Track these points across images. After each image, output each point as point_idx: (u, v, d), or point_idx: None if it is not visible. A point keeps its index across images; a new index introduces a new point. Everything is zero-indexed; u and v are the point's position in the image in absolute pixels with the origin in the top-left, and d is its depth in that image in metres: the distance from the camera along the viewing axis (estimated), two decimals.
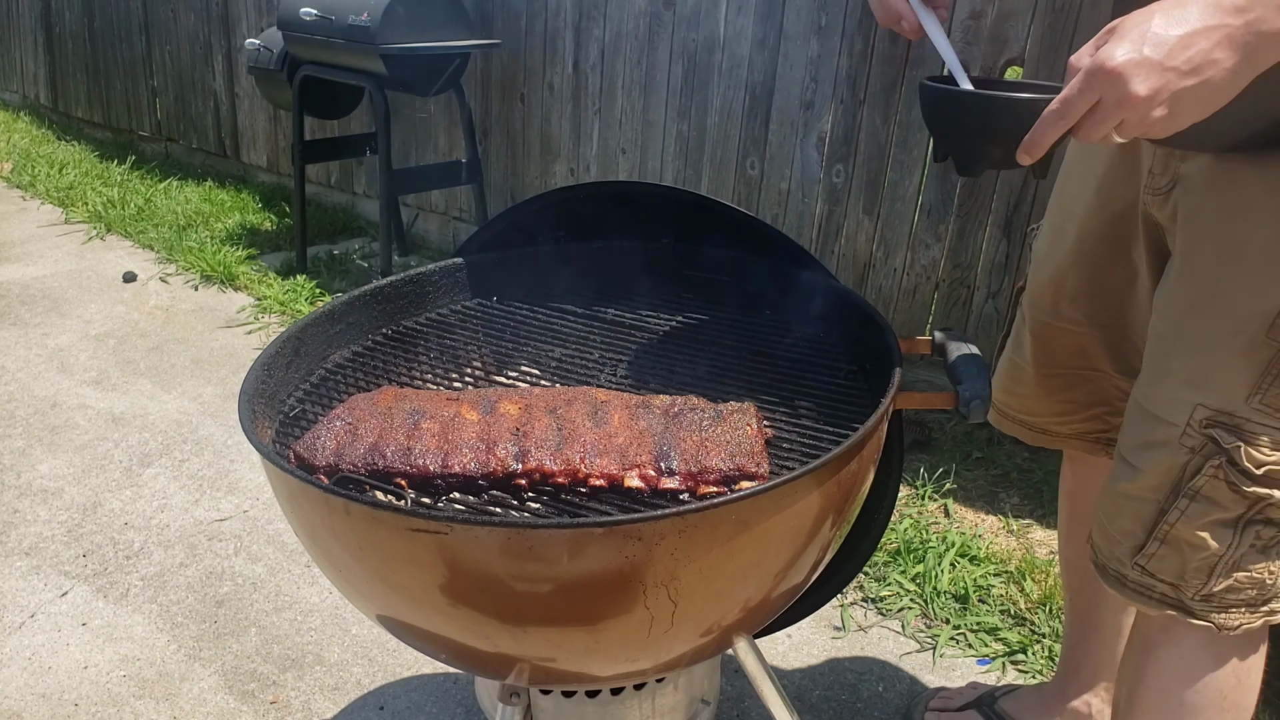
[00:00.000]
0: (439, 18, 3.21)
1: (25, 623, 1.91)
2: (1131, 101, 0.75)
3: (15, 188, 5.02)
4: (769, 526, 0.85)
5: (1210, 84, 0.75)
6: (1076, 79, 0.78)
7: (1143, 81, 0.75)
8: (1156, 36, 0.74)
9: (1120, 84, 0.75)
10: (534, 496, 0.95)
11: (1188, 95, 0.76)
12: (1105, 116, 0.77)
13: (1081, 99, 0.78)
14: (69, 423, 2.67)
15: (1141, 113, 0.76)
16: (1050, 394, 1.29)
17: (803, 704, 1.73)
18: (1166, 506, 0.98)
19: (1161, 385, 0.98)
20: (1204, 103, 0.76)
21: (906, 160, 2.57)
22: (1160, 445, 0.98)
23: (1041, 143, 0.82)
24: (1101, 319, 1.20)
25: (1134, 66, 0.75)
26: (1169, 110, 0.76)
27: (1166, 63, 0.74)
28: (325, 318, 1.17)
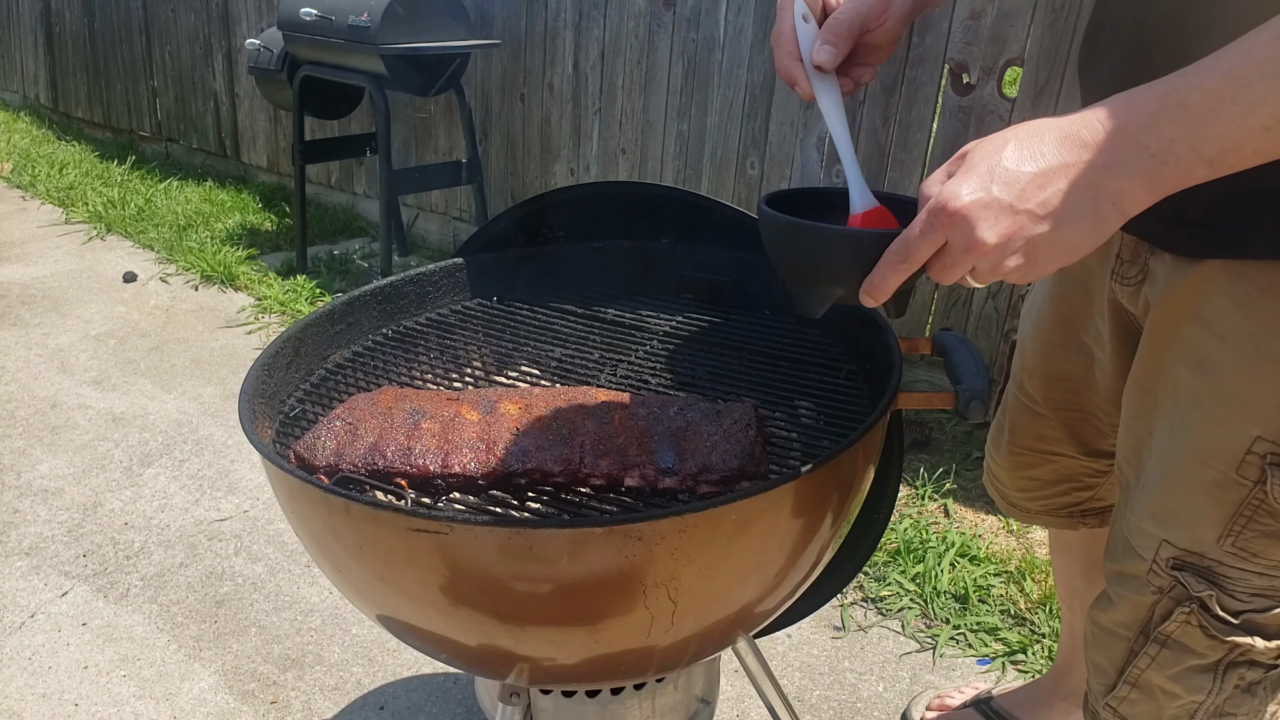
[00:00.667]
0: (439, 18, 3.21)
1: (25, 623, 1.91)
2: (980, 249, 0.65)
3: (15, 188, 5.02)
4: (769, 526, 0.85)
5: (1069, 233, 0.64)
6: (919, 218, 0.67)
7: (991, 227, 0.64)
8: (1007, 173, 0.64)
9: (966, 228, 0.64)
10: (534, 496, 0.95)
11: (1044, 243, 0.65)
12: (953, 262, 0.67)
13: (925, 241, 0.67)
14: (69, 423, 2.67)
15: (993, 260, 0.65)
16: (1016, 470, 1.22)
17: (803, 704, 1.73)
18: (1137, 649, 0.88)
19: (1134, 510, 0.87)
20: (1066, 251, 0.66)
21: (906, 160, 2.57)
22: (1130, 579, 0.88)
23: (883, 287, 0.71)
24: (1056, 402, 1.12)
25: (981, 208, 0.64)
26: (1025, 259, 0.66)
27: (1018, 205, 0.63)
28: (325, 318, 1.17)
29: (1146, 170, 0.62)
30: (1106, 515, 1.25)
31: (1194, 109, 0.60)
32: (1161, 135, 0.61)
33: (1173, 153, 0.61)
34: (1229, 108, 0.59)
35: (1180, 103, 0.60)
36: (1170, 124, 0.61)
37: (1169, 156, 0.61)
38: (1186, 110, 0.60)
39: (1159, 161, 0.61)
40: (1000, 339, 2.51)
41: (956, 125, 2.46)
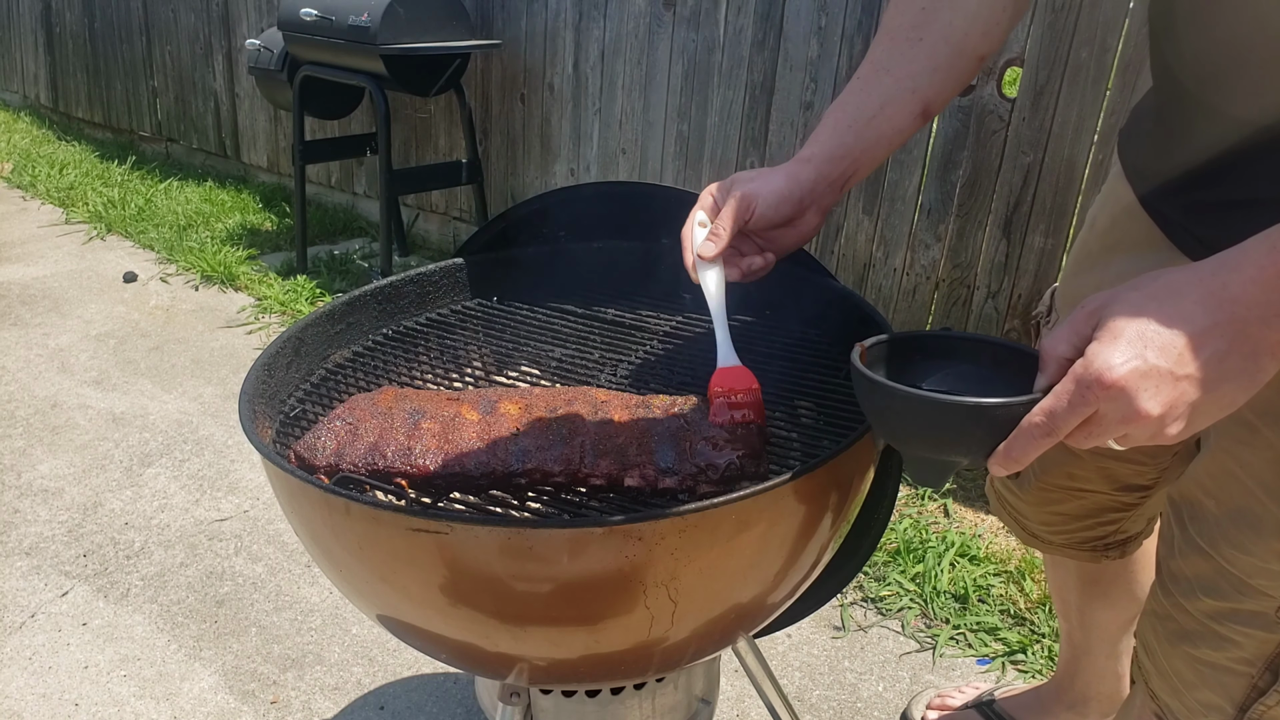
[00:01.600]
0: (439, 18, 3.21)
1: (25, 623, 1.91)
2: (1141, 419, 0.63)
3: (16, 188, 5.02)
4: (769, 526, 0.85)
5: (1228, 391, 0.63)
6: (1064, 389, 0.64)
7: (1153, 397, 0.62)
8: (1160, 337, 0.61)
9: (1125, 400, 0.62)
10: (534, 496, 0.95)
11: (1204, 404, 0.63)
12: (1104, 431, 0.65)
13: (1074, 414, 0.64)
14: (69, 423, 2.67)
15: (1153, 430, 0.64)
16: (1042, 505, 1.22)
17: (803, 704, 1.73)
18: (1264, 686, 0.85)
19: (1250, 551, 0.83)
20: (1225, 409, 0.64)
21: (906, 160, 2.57)
22: (1250, 616, 0.85)
23: (1022, 459, 0.68)
24: None
25: (1139, 378, 0.61)
26: (1186, 423, 0.64)
27: (1178, 372, 0.61)
28: (325, 318, 1.17)
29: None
30: (1127, 546, 1.24)
31: None
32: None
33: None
34: None
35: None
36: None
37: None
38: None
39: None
40: None
41: (956, 125, 2.46)
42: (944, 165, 2.51)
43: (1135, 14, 2.15)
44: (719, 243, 0.96)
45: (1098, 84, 2.22)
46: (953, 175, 2.50)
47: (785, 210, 0.95)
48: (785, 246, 1.00)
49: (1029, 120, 2.34)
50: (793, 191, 0.95)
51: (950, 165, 2.50)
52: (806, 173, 0.95)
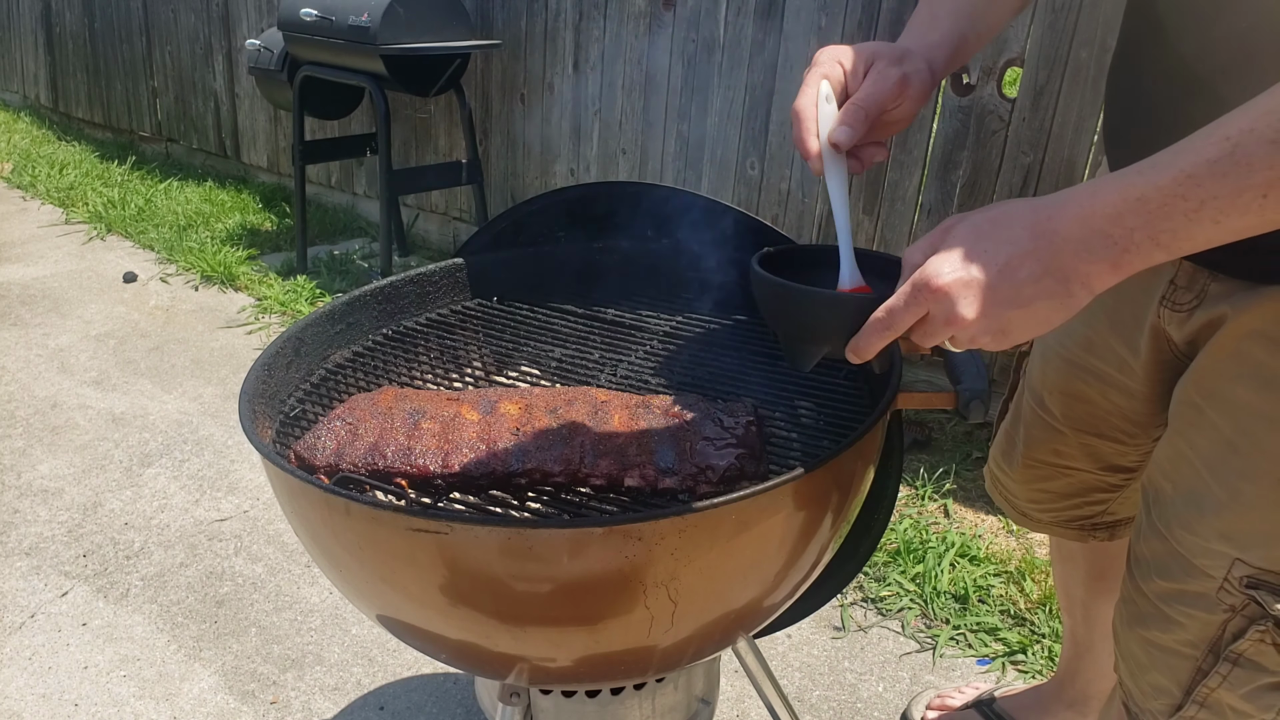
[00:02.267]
0: (439, 18, 3.21)
1: (25, 623, 1.91)
2: (959, 322, 0.71)
3: (16, 188, 5.02)
4: (769, 526, 0.85)
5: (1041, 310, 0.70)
6: (903, 289, 0.73)
7: (970, 304, 0.70)
8: (985, 254, 0.70)
9: (947, 303, 0.70)
10: (534, 496, 0.95)
11: (1018, 318, 0.71)
12: (933, 331, 0.73)
13: (908, 312, 0.73)
14: (69, 423, 2.67)
15: (971, 333, 0.72)
16: (1029, 482, 1.23)
17: (803, 704, 1.73)
18: (1206, 668, 0.87)
19: (1195, 531, 0.86)
20: (1038, 325, 0.72)
21: (906, 160, 2.58)
22: (1195, 597, 0.86)
23: (867, 349, 0.77)
24: (1074, 422, 1.12)
25: (961, 286, 0.70)
26: (1001, 330, 0.72)
27: (995, 285, 0.69)
28: (325, 318, 1.17)
29: (1111, 256, 0.68)
30: (1116, 529, 1.24)
31: (1151, 203, 0.66)
32: (1123, 225, 0.67)
33: (1133, 240, 0.67)
34: (1181, 204, 0.65)
35: (1139, 197, 0.66)
36: (1131, 216, 0.67)
37: (1130, 244, 0.67)
38: (1144, 204, 0.66)
39: (1121, 249, 0.68)
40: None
41: (956, 125, 2.46)
42: (944, 165, 2.51)
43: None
44: (859, 129, 0.84)
45: (1098, 84, 2.22)
46: (953, 175, 2.50)
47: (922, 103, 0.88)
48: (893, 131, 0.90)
49: (1029, 120, 2.34)
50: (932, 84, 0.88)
51: (950, 165, 2.50)
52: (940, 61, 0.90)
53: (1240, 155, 0.62)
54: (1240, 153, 0.62)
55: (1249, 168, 0.62)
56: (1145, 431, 1.07)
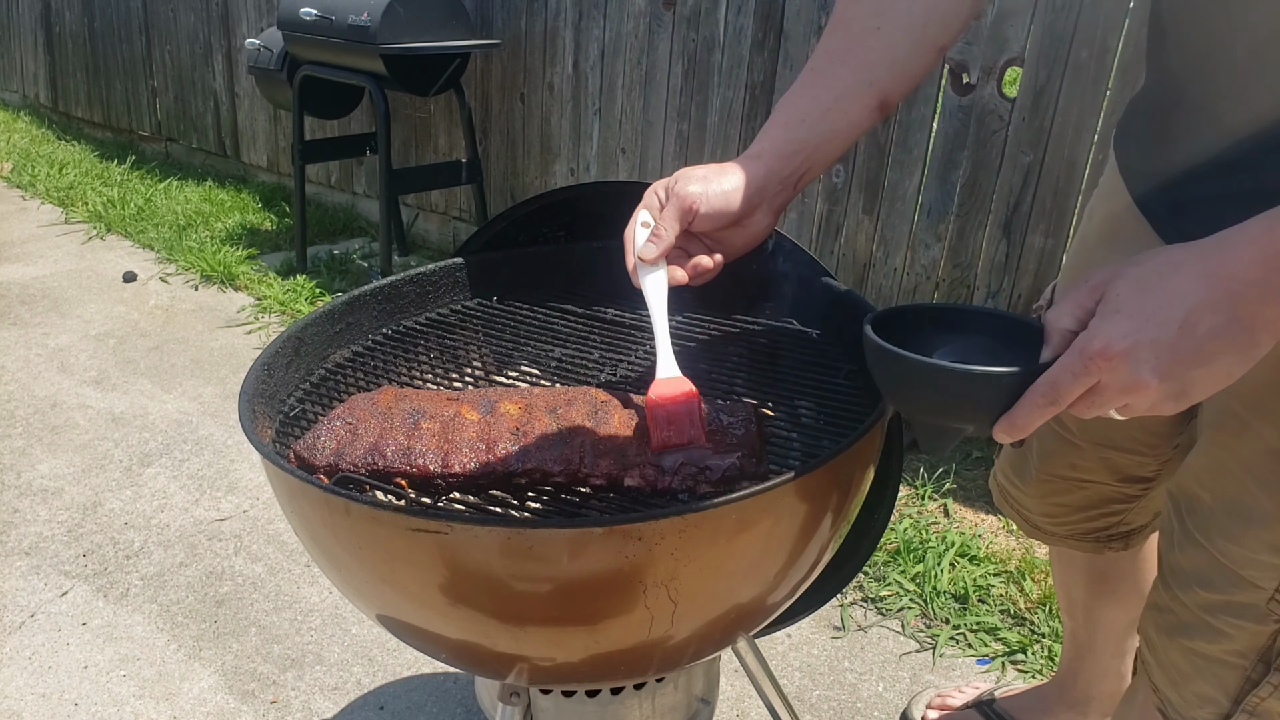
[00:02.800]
0: (439, 18, 3.21)
1: (25, 622, 1.91)
2: (1140, 389, 0.65)
3: (15, 188, 5.02)
4: (769, 526, 0.85)
5: (1225, 364, 0.65)
6: (1069, 360, 0.67)
7: (1153, 369, 0.64)
8: (1160, 312, 0.64)
9: (1126, 371, 0.64)
10: (534, 496, 0.95)
11: (1201, 378, 0.65)
12: (1106, 401, 0.67)
13: (1078, 384, 0.67)
14: (69, 422, 2.67)
15: (1152, 400, 0.66)
16: (1044, 496, 1.22)
17: (803, 704, 1.73)
18: (1256, 678, 0.86)
19: (1240, 542, 0.84)
20: (1221, 380, 0.66)
21: (906, 160, 2.57)
22: (1242, 608, 0.85)
23: (1026, 427, 0.70)
24: (1091, 436, 1.11)
25: (1140, 351, 0.64)
26: (1182, 392, 0.66)
27: (1176, 344, 0.63)
28: (325, 317, 1.17)
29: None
30: (1131, 538, 1.23)
31: None
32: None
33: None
34: None
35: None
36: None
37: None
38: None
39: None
40: None
41: (956, 125, 2.46)
42: (944, 165, 2.51)
43: (1135, 14, 2.15)
44: (660, 244, 0.93)
45: (1098, 84, 2.22)
46: (953, 175, 2.50)
47: (731, 211, 0.93)
48: (736, 247, 0.97)
49: (1029, 120, 2.34)
50: (739, 191, 0.92)
51: (950, 165, 2.50)
52: (756, 170, 0.92)
53: None
54: None
55: None
56: (1165, 441, 1.06)
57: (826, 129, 0.92)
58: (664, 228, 0.93)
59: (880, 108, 0.92)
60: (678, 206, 0.92)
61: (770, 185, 0.93)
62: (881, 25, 0.90)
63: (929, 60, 0.91)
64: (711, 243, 0.97)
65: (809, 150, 0.92)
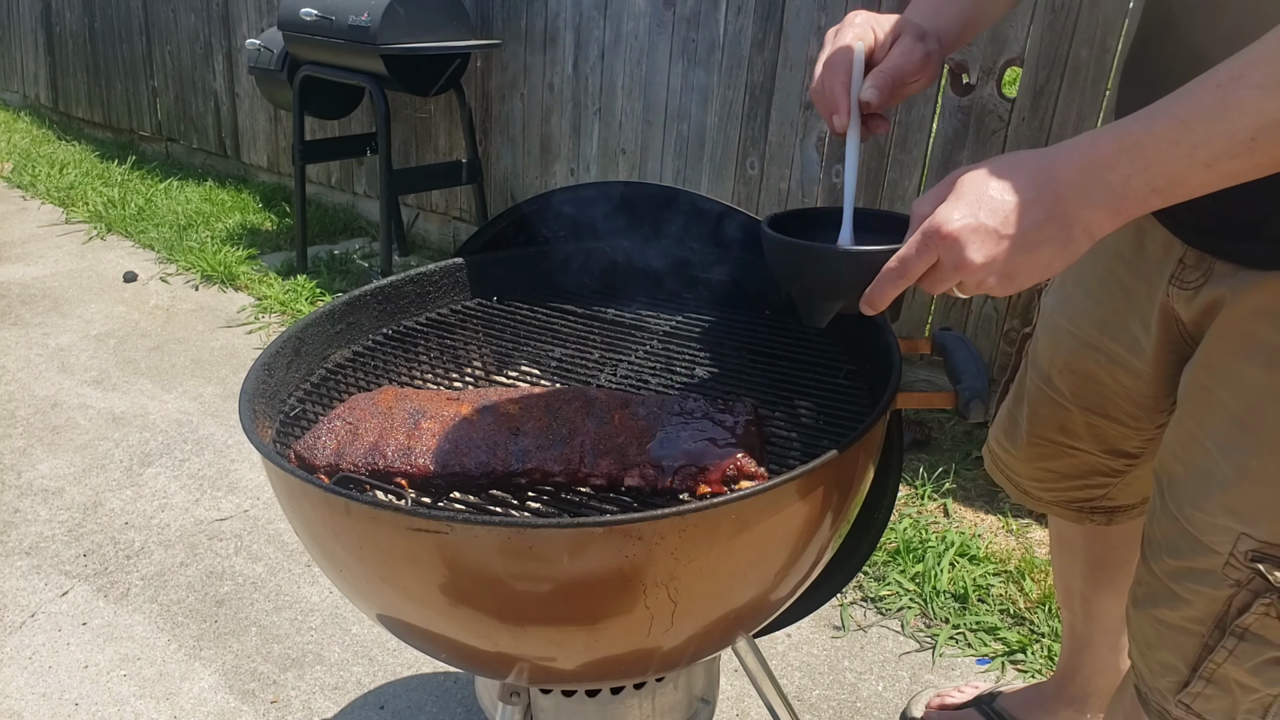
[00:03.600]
0: (439, 18, 3.21)
1: (25, 622, 1.91)
2: (968, 267, 0.73)
3: (15, 188, 5.02)
4: (769, 526, 0.85)
5: (1044, 254, 0.73)
6: (914, 238, 0.75)
7: (978, 249, 0.73)
8: (992, 201, 0.72)
9: (956, 248, 0.73)
10: (534, 496, 0.95)
11: (1023, 263, 0.74)
12: (943, 277, 0.76)
13: (920, 260, 0.75)
14: (69, 422, 2.67)
15: (979, 277, 0.74)
16: (1033, 460, 1.24)
17: (803, 704, 1.73)
18: (1212, 644, 0.88)
19: (1203, 508, 0.87)
20: (1041, 270, 0.74)
21: (906, 160, 2.58)
22: (1202, 574, 0.87)
23: (881, 299, 0.80)
24: (1082, 401, 1.13)
25: (969, 232, 0.72)
26: (1006, 276, 0.74)
27: (1001, 230, 0.72)
28: (326, 317, 1.17)
29: (1110, 203, 0.71)
30: (1115, 514, 1.25)
31: (1146, 150, 0.68)
32: (1120, 173, 0.69)
33: (1130, 187, 0.70)
34: (1174, 149, 0.67)
35: (1135, 144, 0.69)
36: (1127, 163, 0.69)
37: (1127, 190, 0.70)
38: (1140, 151, 0.69)
39: (1119, 195, 0.70)
40: (1000, 338, 2.51)
41: (956, 125, 2.46)
42: (944, 165, 2.51)
43: (1135, 14, 2.15)
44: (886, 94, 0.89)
45: (1097, 84, 2.22)
46: None
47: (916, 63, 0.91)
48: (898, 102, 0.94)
49: (1029, 120, 2.34)
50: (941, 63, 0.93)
51: (950, 165, 2.50)
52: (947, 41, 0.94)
53: (1230, 100, 0.65)
54: (1231, 98, 0.65)
55: (1239, 112, 0.65)
56: (1150, 416, 1.08)
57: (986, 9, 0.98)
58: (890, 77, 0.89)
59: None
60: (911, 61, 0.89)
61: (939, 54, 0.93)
62: None
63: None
64: None
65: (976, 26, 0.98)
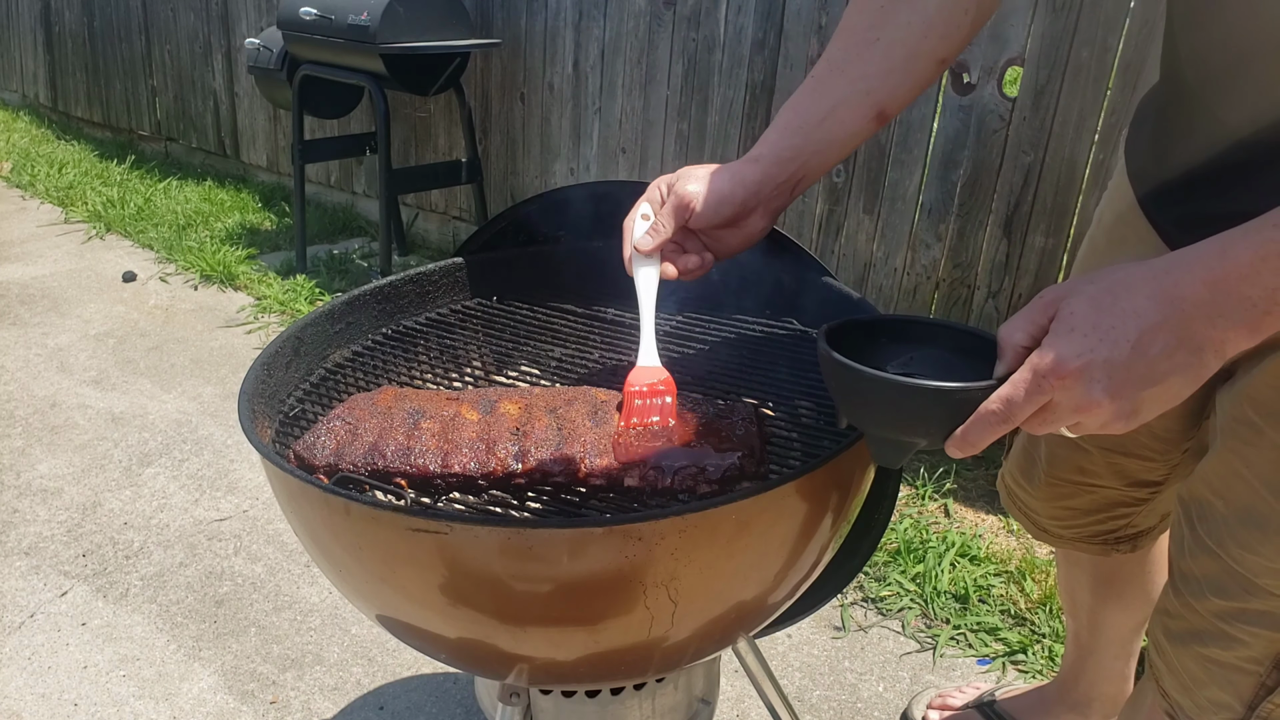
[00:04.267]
0: (439, 17, 3.21)
1: (25, 622, 1.91)
2: (1092, 408, 0.66)
3: (15, 187, 5.02)
4: (769, 526, 0.85)
5: (1175, 384, 0.66)
6: (1022, 379, 0.67)
7: (1103, 389, 0.65)
8: (1113, 332, 0.64)
9: (1077, 390, 0.65)
10: (534, 496, 0.95)
11: (1150, 398, 0.66)
12: (1058, 419, 0.68)
13: (1030, 403, 0.67)
14: (69, 422, 2.67)
15: (1103, 419, 0.67)
16: (1052, 500, 1.21)
17: (803, 704, 1.73)
18: (1272, 685, 0.86)
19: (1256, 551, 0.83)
20: (1170, 400, 0.67)
21: (906, 160, 2.57)
22: (1259, 615, 0.85)
23: (978, 444, 0.71)
24: (1100, 442, 1.10)
25: (1093, 370, 0.65)
26: (1134, 412, 0.67)
27: (1128, 365, 0.64)
28: (325, 317, 1.17)
29: (1250, 320, 0.63)
30: (1139, 540, 1.23)
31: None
32: (1263, 286, 0.62)
33: (1275, 301, 0.62)
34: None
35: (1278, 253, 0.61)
36: (1270, 274, 0.61)
37: (1272, 305, 0.62)
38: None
39: (1262, 311, 0.63)
40: None
41: (957, 125, 2.46)
42: (944, 165, 2.50)
43: (1135, 14, 2.15)
44: (657, 238, 0.96)
45: (1098, 84, 2.22)
46: (953, 175, 2.50)
47: (726, 211, 0.95)
48: (730, 247, 0.99)
49: (1029, 120, 2.34)
50: (735, 193, 0.94)
51: (951, 165, 2.49)
52: (753, 174, 0.94)
53: None
54: None
55: None
56: (1175, 447, 1.06)
57: (822, 137, 0.93)
58: (662, 222, 0.96)
59: (878, 118, 0.92)
60: (676, 203, 0.95)
61: (766, 189, 0.94)
62: (880, 36, 0.90)
63: (928, 73, 0.91)
64: (708, 240, 0.99)
65: (805, 157, 0.93)
